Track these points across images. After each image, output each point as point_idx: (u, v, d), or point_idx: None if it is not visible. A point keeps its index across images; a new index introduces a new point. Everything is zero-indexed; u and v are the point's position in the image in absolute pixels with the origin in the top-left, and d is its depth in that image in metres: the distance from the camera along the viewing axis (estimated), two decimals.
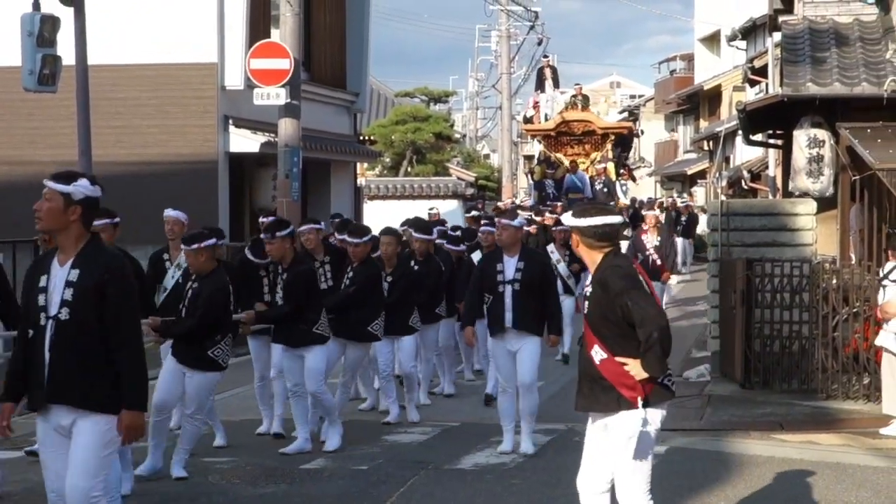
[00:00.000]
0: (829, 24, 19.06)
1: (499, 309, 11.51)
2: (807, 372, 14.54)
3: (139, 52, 22.97)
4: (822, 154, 17.30)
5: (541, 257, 12.44)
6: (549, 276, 11.91)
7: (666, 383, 7.27)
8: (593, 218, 7.25)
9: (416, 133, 49.32)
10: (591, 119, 34.14)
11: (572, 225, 7.36)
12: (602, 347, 7.18)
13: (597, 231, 7.24)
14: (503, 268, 11.57)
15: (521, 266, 11.50)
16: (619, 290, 7.09)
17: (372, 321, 12.70)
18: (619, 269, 7.25)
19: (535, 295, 11.48)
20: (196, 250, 10.53)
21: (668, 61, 72.66)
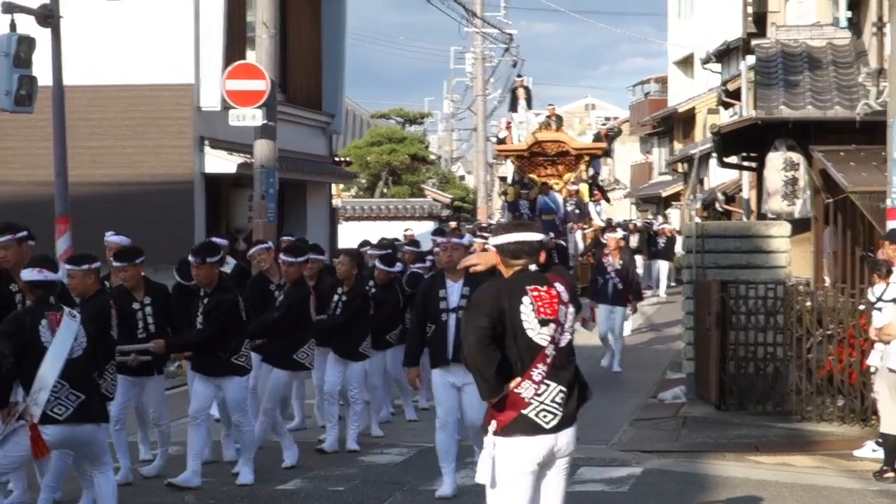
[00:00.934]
0: (802, 48, 19.20)
1: (441, 340, 10.57)
2: (781, 394, 14.60)
3: (115, 73, 22.95)
4: (797, 177, 17.43)
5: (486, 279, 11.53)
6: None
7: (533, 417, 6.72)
8: (509, 235, 6.99)
9: (391, 154, 49.40)
10: (564, 139, 33.72)
11: (492, 243, 7.12)
12: None
13: (509, 249, 6.94)
14: (446, 294, 10.63)
15: (466, 291, 10.42)
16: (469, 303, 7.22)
17: (298, 348, 12.13)
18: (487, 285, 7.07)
19: None
20: (85, 272, 10.18)
21: (642, 84, 72.85)
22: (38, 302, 8.71)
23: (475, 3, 45.88)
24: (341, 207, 39.01)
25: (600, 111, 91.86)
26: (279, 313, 12.06)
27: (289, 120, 25.36)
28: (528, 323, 6.74)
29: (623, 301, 19.98)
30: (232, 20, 23.71)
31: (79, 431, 8.61)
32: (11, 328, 8.53)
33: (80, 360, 8.64)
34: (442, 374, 10.60)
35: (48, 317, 8.59)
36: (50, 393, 8.43)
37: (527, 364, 6.72)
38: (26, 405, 8.48)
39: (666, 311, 28.85)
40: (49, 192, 18.62)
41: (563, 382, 6.77)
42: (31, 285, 8.77)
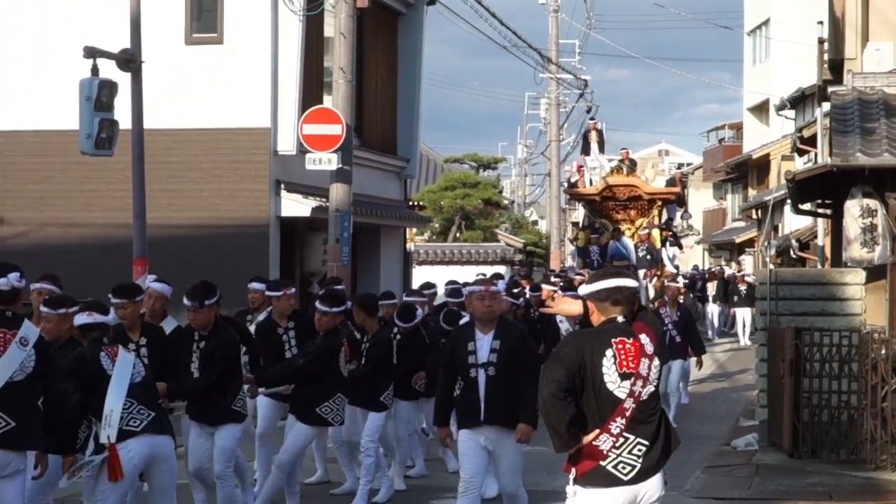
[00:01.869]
0: (879, 95, 19.10)
1: (471, 399, 9.67)
2: (855, 442, 14.49)
3: (194, 117, 23.26)
4: (876, 223, 17.31)
5: (518, 329, 10.17)
6: (526, 350, 9.85)
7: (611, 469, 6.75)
8: (605, 281, 6.94)
9: (465, 199, 49.53)
10: (636, 184, 33.50)
11: (586, 291, 7.02)
12: None
13: (607, 295, 6.89)
14: (475, 347, 9.68)
15: (497, 346, 9.63)
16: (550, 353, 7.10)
17: (322, 402, 11.42)
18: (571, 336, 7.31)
19: (512, 380, 9.66)
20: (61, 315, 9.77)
21: (716, 130, 72.76)
22: (93, 343, 8.97)
23: (550, 50, 46.06)
24: (415, 251, 39.15)
25: (674, 157, 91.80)
26: (305, 359, 11.49)
27: (364, 164, 25.56)
28: (608, 376, 6.75)
29: (681, 354, 18.83)
30: (309, 65, 23.97)
31: (157, 443, 8.83)
32: (74, 366, 8.83)
33: (141, 384, 8.94)
34: (471, 434, 9.68)
35: (106, 350, 8.92)
36: (122, 411, 8.66)
37: (605, 417, 6.73)
38: (97, 443, 8.71)
39: (740, 358, 28.71)
40: (128, 234, 18.88)
41: (643, 435, 6.78)
42: (84, 328, 9.02)
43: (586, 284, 7.10)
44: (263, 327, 12.84)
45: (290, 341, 12.59)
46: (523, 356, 9.70)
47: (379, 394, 12.59)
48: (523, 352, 9.74)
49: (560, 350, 6.89)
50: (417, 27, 29.66)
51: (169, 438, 9.00)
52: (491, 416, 9.54)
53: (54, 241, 23.73)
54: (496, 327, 9.70)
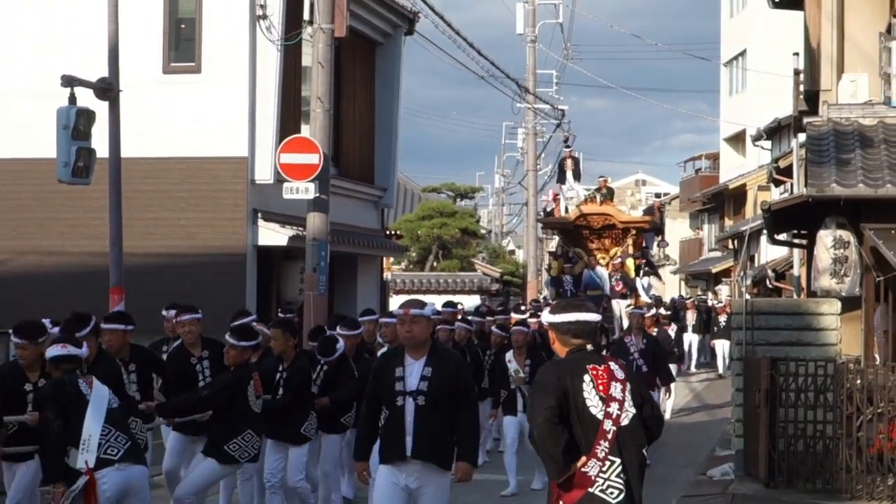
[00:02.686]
0: (854, 126, 19.22)
1: (396, 430, 8.83)
2: (831, 472, 14.51)
3: (171, 146, 23.29)
4: (847, 255, 17.40)
5: (453, 357, 9.37)
6: (464, 380, 9.03)
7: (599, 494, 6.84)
8: (567, 314, 7.07)
9: (442, 228, 49.61)
10: (611, 213, 33.23)
11: (548, 321, 7.14)
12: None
13: (568, 328, 7.07)
14: (404, 374, 8.84)
15: (428, 372, 8.81)
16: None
17: (231, 438, 10.86)
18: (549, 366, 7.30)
19: (445, 411, 8.86)
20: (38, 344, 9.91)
21: (693, 160, 72.99)
22: (67, 374, 9.04)
23: (528, 80, 46.17)
24: (392, 280, 39.17)
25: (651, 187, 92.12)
26: (208, 392, 11.05)
27: (341, 193, 25.59)
28: (590, 400, 6.89)
29: (648, 385, 17.56)
30: (287, 94, 24.02)
31: (133, 474, 8.87)
32: (54, 392, 8.91)
33: (118, 410, 9.06)
34: (391, 472, 8.82)
35: (83, 378, 9.06)
36: (100, 437, 8.69)
37: (591, 442, 6.84)
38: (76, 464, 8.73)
39: (717, 389, 28.74)
40: (104, 262, 18.85)
41: (626, 459, 6.89)
42: (56, 360, 9.09)
43: (549, 313, 7.16)
44: (174, 356, 12.35)
45: (203, 371, 11.96)
46: (460, 386, 8.92)
47: (299, 426, 11.99)
48: (460, 381, 8.94)
49: (542, 380, 6.96)
50: (395, 57, 29.77)
51: (144, 468, 9.06)
52: (418, 451, 8.71)
53: (32, 269, 23.71)
54: (428, 353, 8.87)
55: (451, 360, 9.09)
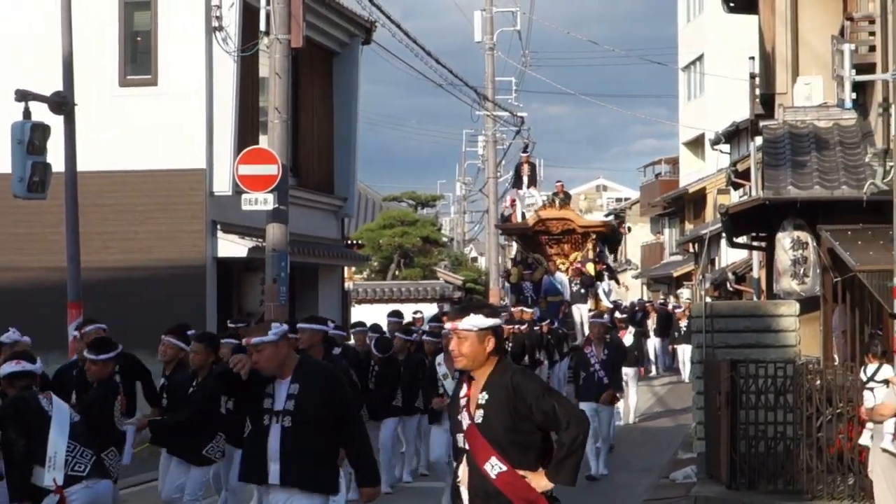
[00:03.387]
0: (810, 129, 19.35)
1: (260, 454, 8.17)
2: (792, 472, 14.57)
3: (128, 159, 23.15)
4: (807, 256, 17.51)
5: (325, 370, 8.50)
6: (340, 397, 8.22)
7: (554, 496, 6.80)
8: (497, 318, 6.84)
9: (403, 237, 49.57)
10: (570, 217, 33.21)
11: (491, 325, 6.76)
12: (501, 459, 6.63)
13: (501, 332, 6.89)
14: (273, 391, 8.17)
15: (295, 390, 8.11)
16: (540, 392, 6.67)
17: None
18: (526, 370, 7.10)
19: (319, 432, 8.10)
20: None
21: (653, 165, 73.29)
22: (25, 391, 8.99)
23: (487, 87, 46.20)
24: (353, 290, 39.11)
25: (612, 192, 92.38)
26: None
27: (301, 204, 25.53)
28: None
29: (610, 398, 17.53)
30: (244, 105, 23.95)
31: (100, 488, 8.81)
32: (15, 410, 8.81)
33: (80, 424, 9.02)
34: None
35: (42, 394, 9.02)
36: (66, 454, 8.64)
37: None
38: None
39: (680, 392, 28.84)
40: (62, 277, 18.75)
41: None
42: (11, 377, 9.02)
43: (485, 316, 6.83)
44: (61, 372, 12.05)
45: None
46: (335, 401, 8.20)
47: (203, 447, 11.41)
48: (334, 396, 8.21)
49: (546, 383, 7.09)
50: (353, 66, 29.74)
51: (110, 482, 9.03)
52: (285, 478, 8.04)
53: None
54: (294, 370, 8.17)
55: (320, 373, 8.35)
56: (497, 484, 6.61)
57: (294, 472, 8.01)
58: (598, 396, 17.09)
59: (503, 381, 6.70)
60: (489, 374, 6.78)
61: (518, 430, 6.64)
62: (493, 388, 6.72)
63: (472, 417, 6.74)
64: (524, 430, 6.64)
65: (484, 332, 6.75)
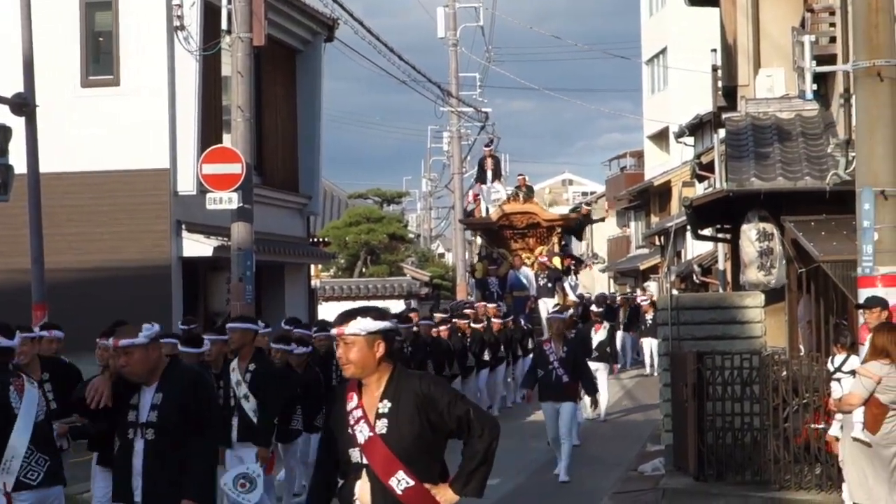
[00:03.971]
0: (772, 120, 19.43)
1: (124, 468, 7.64)
2: (760, 463, 14.62)
3: (92, 160, 23.07)
4: (773, 247, 17.58)
5: (191, 377, 7.94)
6: (200, 405, 7.71)
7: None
8: (387, 322, 6.38)
9: (369, 234, 49.57)
10: (534, 211, 32.97)
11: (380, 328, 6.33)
12: (408, 473, 6.22)
13: (392, 337, 6.41)
14: (138, 401, 7.65)
15: (158, 400, 7.58)
16: (452, 398, 6.31)
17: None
18: (435, 377, 6.73)
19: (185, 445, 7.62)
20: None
21: (618, 158, 73.45)
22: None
23: (450, 83, 46.21)
24: (320, 288, 39.06)
25: (577, 186, 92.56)
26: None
27: (266, 202, 25.49)
28: None
29: (571, 396, 16.81)
30: (207, 104, 23.89)
31: (50, 494, 8.73)
32: None
33: (43, 424, 8.76)
34: None
35: (13, 382, 8.68)
36: (22, 460, 8.53)
37: None
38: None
39: (647, 386, 28.88)
40: (26, 279, 18.66)
41: None
42: None
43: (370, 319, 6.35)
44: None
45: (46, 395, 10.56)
46: (194, 412, 7.68)
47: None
48: (194, 407, 7.70)
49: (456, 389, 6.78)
50: (316, 64, 29.70)
51: (60, 488, 8.91)
52: (148, 496, 7.53)
53: None
54: (161, 377, 7.71)
55: (185, 380, 7.82)
56: (404, 500, 6.21)
57: (159, 489, 7.51)
58: (558, 395, 16.55)
59: (410, 388, 6.29)
60: (387, 381, 6.33)
61: (426, 440, 6.26)
62: (397, 396, 6.28)
63: (374, 428, 6.26)
64: (432, 440, 6.28)
65: (373, 336, 6.29)
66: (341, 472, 6.41)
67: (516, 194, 33.60)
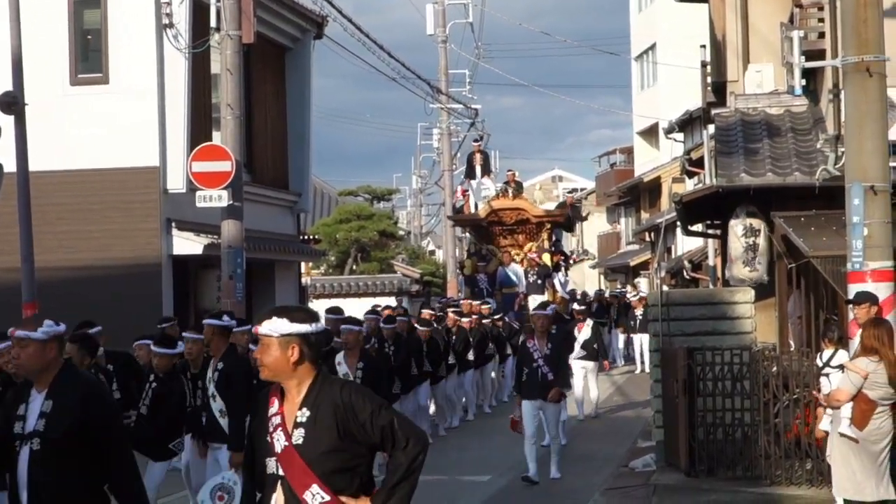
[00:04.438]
0: (761, 116, 19.45)
1: (14, 483, 6.95)
2: (750, 458, 14.64)
3: (81, 158, 23.05)
4: (758, 243, 17.60)
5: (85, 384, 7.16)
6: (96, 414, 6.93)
7: None
8: (317, 324, 5.97)
9: (360, 231, 49.53)
10: (524, 207, 32.72)
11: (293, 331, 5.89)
12: (323, 487, 5.80)
13: (320, 340, 6.00)
14: (26, 410, 6.99)
15: (47, 407, 6.93)
16: (375, 407, 5.85)
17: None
18: (356, 384, 6.22)
19: (74, 456, 6.87)
20: None
21: (608, 154, 73.47)
22: None
23: (440, 80, 46.20)
24: (311, 285, 39.03)
25: (567, 183, 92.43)
26: None
27: (256, 200, 25.47)
28: None
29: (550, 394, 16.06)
30: (196, 102, 23.87)
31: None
32: None
33: None
34: None
35: None
36: None
37: None
38: None
39: (638, 382, 28.91)
40: (16, 277, 18.63)
41: None
42: None
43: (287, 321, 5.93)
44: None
45: None
46: (91, 422, 6.95)
47: None
48: (92, 418, 6.96)
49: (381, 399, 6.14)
50: (305, 61, 29.68)
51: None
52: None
53: None
54: (52, 383, 7.00)
55: (78, 387, 7.06)
56: None
57: (44, 501, 6.87)
58: (543, 393, 15.91)
59: (330, 397, 5.85)
60: (308, 389, 5.90)
61: (345, 452, 5.83)
62: (317, 404, 5.84)
63: (290, 438, 5.85)
64: (352, 452, 5.84)
65: (287, 339, 5.85)
66: (258, 483, 6.02)
67: (505, 190, 33.38)
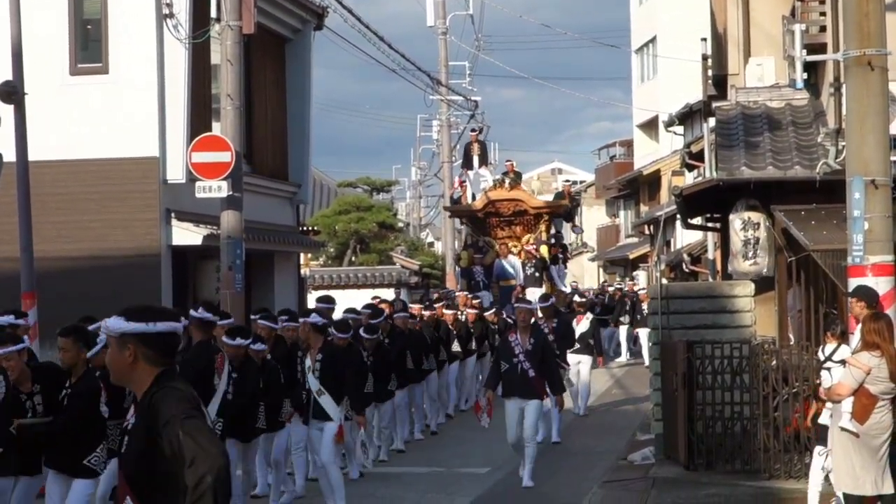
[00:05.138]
0: (762, 109, 19.41)
1: None
2: (749, 452, 14.65)
3: (80, 148, 22.99)
4: (758, 236, 17.58)
5: None
6: None
7: None
8: (160, 323, 5.52)
9: (359, 223, 49.55)
10: (521, 198, 32.42)
11: (129, 330, 5.47)
12: (135, 501, 5.33)
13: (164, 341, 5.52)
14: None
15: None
16: (171, 416, 5.23)
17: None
18: (176, 391, 5.39)
19: None
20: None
21: (607, 147, 73.42)
22: None
23: (440, 72, 46.19)
24: (310, 277, 39.03)
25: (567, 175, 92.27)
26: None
27: (255, 191, 25.43)
28: None
29: (537, 393, 15.24)
30: (196, 93, 23.82)
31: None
32: None
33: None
34: None
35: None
36: None
37: None
38: None
39: (638, 375, 28.91)
40: (15, 267, 18.61)
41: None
42: None
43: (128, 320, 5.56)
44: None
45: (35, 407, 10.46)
46: None
47: (83, 456, 10.26)
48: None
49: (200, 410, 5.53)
50: (305, 52, 29.63)
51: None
52: None
53: None
54: None
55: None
56: None
57: None
58: (524, 391, 15.09)
59: (149, 400, 5.37)
60: (144, 392, 5.44)
61: (151, 462, 5.28)
62: (142, 410, 5.40)
63: (122, 446, 5.49)
64: (160, 464, 5.25)
65: (123, 338, 5.45)
66: None
67: (502, 181, 32.90)
